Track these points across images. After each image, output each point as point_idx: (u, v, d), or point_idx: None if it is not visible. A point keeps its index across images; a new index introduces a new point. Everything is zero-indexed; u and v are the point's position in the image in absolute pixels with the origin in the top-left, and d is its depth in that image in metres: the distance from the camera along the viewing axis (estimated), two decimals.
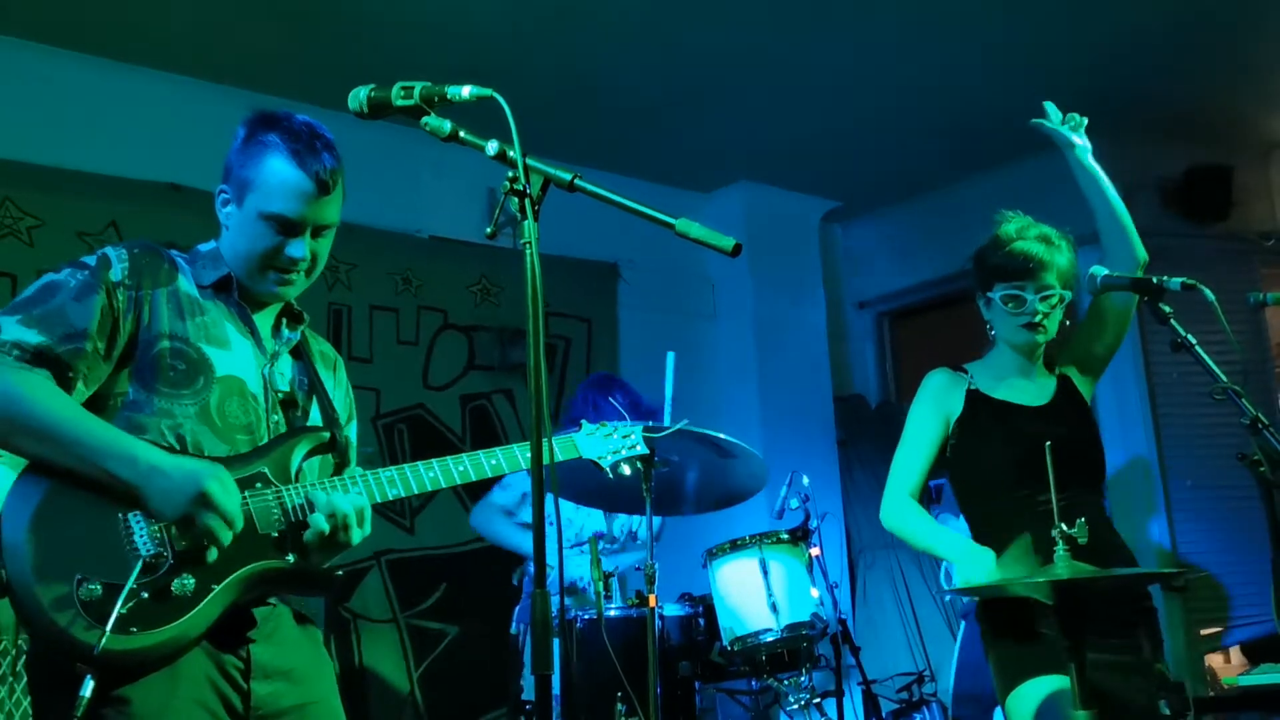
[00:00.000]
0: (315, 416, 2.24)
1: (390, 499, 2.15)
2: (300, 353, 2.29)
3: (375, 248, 5.31)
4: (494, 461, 2.23)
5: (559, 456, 2.40)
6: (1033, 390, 2.85)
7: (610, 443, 2.50)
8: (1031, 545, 2.60)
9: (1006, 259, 2.78)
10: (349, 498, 2.07)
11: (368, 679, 5.02)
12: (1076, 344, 2.98)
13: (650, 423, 2.66)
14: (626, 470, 2.52)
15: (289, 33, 4.62)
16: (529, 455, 2.14)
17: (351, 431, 2.39)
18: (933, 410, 2.85)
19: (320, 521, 2.03)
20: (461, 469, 2.21)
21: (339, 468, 2.32)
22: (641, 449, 2.53)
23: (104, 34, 4.58)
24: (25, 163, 4.48)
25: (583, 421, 2.50)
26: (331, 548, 2.08)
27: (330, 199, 2.14)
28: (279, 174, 2.09)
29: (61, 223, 4.54)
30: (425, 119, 1.87)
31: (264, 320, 2.24)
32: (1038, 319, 2.77)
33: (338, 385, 2.37)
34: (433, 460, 2.20)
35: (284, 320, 2.28)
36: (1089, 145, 2.93)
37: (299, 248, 2.13)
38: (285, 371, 2.23)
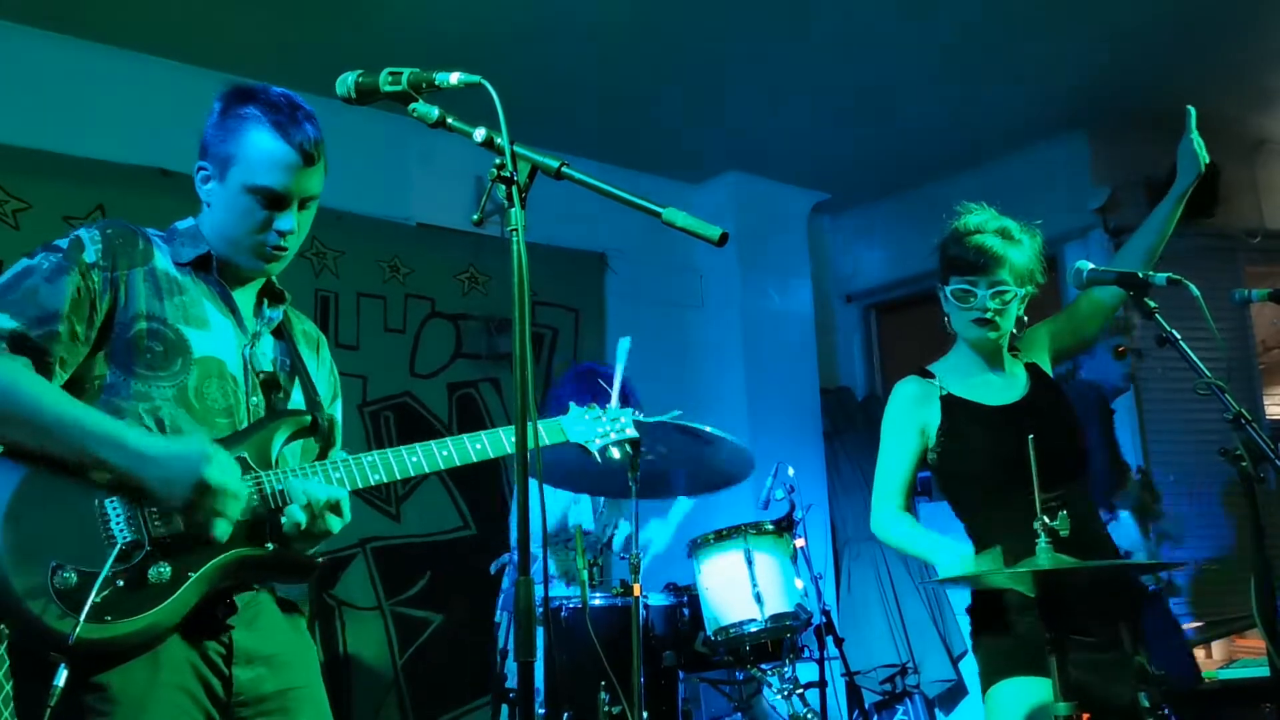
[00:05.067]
0: (297, 398, 2.22)
1: (373, 484, 2.12)
2: (282, 332, 2.26)
3: (363, 235, 5.30)
4: (479, 446, 2.20)
5: (546, 441, 2.36)
6: (1004, 386, 2.82)
7: (598, 426, 2.44)
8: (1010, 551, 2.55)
9: (961, 252, 2.74)
10: (327, 487, 2.04)
11: (352, 666, 5.02)
12: (1056, 334, 2.96)
13: (638, 413, 2.60)
14: (616, 454, 2.45)
15: (278, 18, 4.60)
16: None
17: (336, 411, 2.37)
18: (907, 421, 2.82)
19: (296, 513, 2.00)
20: (445, 453, 2.18)
21: (324, 449, 2.31)
22: (632, 433, 2.48)
23: (93, 17, 4.55)
24: (11, 146, 4.46)
25: (570, 404, 2.46)
26: (310, 538, 2.05)
27: (315, 169, 2.12)
28: (262, 146, 2.07)
29: (48, 207, 4.52)
30: (413, 105, 1.88)
31: (245, 298, 2.21)
32: (988, 315, 2.72)
33: (321, 364, 2.35)
34: (416, 445, 2.17)
35: (265, 300, 2.25)
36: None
37: (287, 220, 2.11)
38: (267, 352, 2.20)
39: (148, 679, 1.91)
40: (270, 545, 2.02)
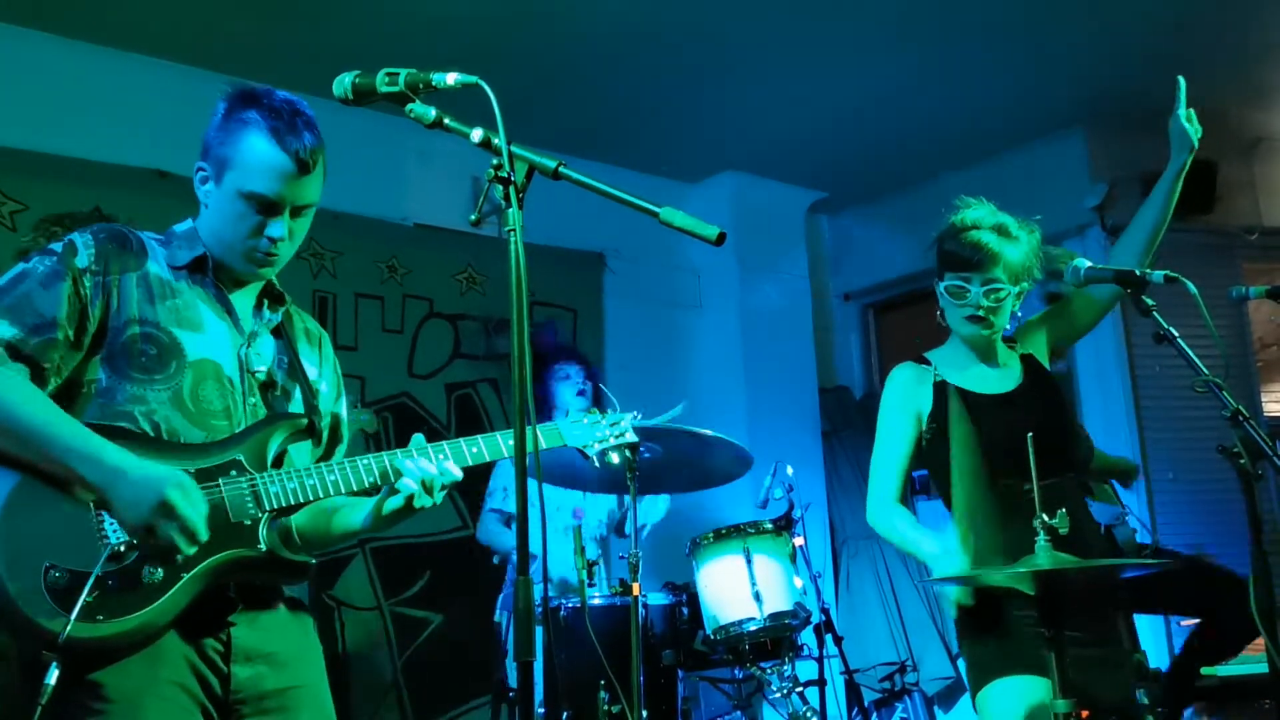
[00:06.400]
0: (297, 398, 2.21)
1: (367, 487, 2.12)
2: (281, 332, 2.25)
3: (360, 235, 5.30)
4: (475, 449, 2.19)
5: (545, 445, 2.34)
6: (998, 376, 2.81)
7: (597, 430, 2.42)
8: (1008, 544, 2.54)
9: (956, 248, 2.72)
10: (438, 464, 2.11)
11: (351, 666, 5.02)
12: (1052, 328, 2.95)
13: (637, 416, 2.58)
14: (615, 459, 2.44)
15: (275, 19, 4.60)
16: (511, 443, 2.13)
17: (341, 408, 2.36)
18: (901, 407, 2.81)
19: (408, 486, 2.07)
20: (442, 456, 2.17)
21: (331, 444, 2.31)
22: (631, 437, 2.45)
23: (91, 19, 4.55)
24: (9, 148, 4.46)
25: (569, 408, 2.46)
26: (408, 514, 2.12)
27: (310, 178, 2.11)
28: (258, 152, 2.05)
29: (46, 208, 4.52)
30: (410, 106, 1.87)
31: (243, 300, 2.20)
32: (981, 312, 2.71)
33: (324, 361, 2.34)
34: (413, 448, 2.16)
35: (265, 300, 2.24)
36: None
37: (278, 227, 2.10)
38: (264, 352, 2.19)
39: (144, 676, 1.91)
40: (263, 547, 2.02)
